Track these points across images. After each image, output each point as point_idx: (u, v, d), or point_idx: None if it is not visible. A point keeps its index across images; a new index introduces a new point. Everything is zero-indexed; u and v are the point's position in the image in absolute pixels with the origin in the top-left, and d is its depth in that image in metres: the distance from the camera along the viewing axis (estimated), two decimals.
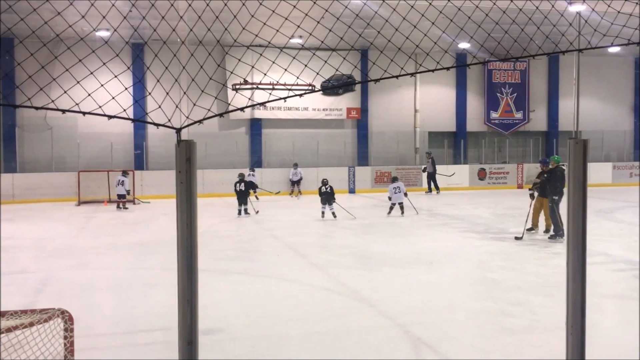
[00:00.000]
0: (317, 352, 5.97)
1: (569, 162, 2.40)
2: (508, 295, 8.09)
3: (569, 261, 2.46)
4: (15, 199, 21.81)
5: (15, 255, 11.40)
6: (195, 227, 2.08)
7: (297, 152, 26.32)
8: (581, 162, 2.34)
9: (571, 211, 2.42)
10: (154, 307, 7.57)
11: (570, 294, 2.50)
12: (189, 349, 2.11)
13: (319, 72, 3.51)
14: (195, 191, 2.06)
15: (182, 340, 2.12)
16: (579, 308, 2.55)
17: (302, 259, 10.83)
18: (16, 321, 3.38)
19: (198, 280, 2.11)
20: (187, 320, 2.10)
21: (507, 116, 29.26)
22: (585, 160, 2.35)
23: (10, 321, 3.37)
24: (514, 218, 15.57)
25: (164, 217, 17.44)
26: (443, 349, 5.96)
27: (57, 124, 23.90)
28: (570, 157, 2.40)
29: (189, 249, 2.06)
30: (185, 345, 2.11)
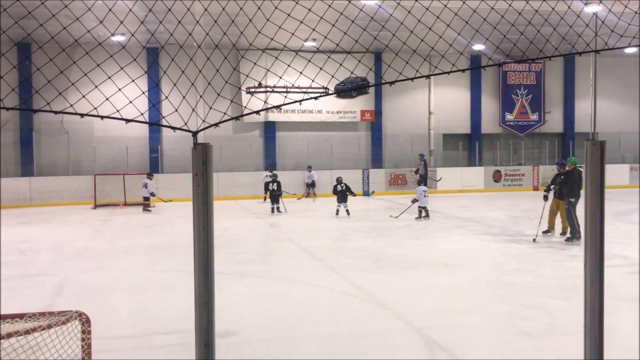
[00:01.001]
0: (333, 355, 5.96)
1: (586, 163, 2.38)
2: (524, 298, 8.02)
3: (587, 263, 2.44)
4: (32, 202, 22.07)
5: (33, 258, 11.53)
6: (212, 229, 2.10)
7: (311, 155, 26.37)
8: (598, 164, 2.32)
9: (589, 213, 2.40)
10: (171, 310, 7.61)
11: (588, 297, 2.48)
12: (206, 351, 2.12)
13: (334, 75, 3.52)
14: (211, 193, 2.07)
15: (199, 342, 2.13)
16: (597, 310, 2.53)
17: (317, 262, 10.83)
18: (34, 323, 3.41)
19: (214, 282, 2.12)
20: (203, 322, 2.11)
21: (523, 118, 29.07)
22: (602, 161, 2.32)
23: (29, 323, 3.40)
24: (530, 220, 15.44)
25: (180, 219, 17.53)
26: (459, 353, 5.92)
27: (73, 128, 24.15)
28: (588, 158, 2.38)
29: (205, 251, 2.07)
30: (202, 347, 2.12)
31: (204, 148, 2.04)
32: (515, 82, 28.93)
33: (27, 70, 21.19)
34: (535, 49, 3.67)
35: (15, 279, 9.52)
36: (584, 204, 2.57)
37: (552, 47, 3.77)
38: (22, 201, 21.97)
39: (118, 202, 21.83)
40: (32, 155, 23.88)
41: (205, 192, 2.03)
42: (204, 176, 2.02)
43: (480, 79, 28.61)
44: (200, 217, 2.07)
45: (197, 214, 2.08)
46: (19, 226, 16.51)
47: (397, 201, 22.69)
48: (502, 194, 25.25)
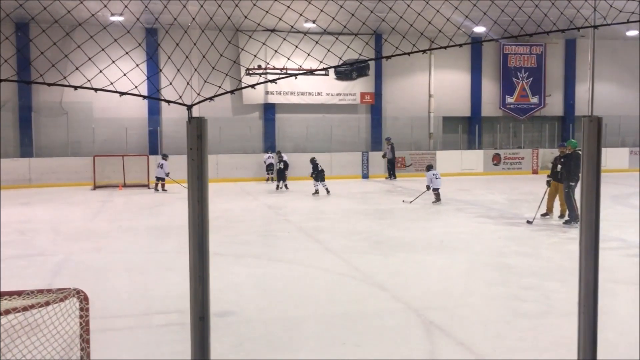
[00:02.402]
0: (331, 335, 6.00)
1: (583, 140, 2.37)
2: (522, 280, 8.06)
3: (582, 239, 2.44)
4: (32, 183, 22.08)
5: (32, 238, 11.56)
6: (207, 203, 2.09)
7: (310, 137, 26.32)
8: (595, 141, 2.31)
9: (585, 190, 2.40)
10: (170, 290, 7.65)
11: (582, 276, 2.49)
12: (201, 324, 2.13)
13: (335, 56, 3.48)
14: (206, 168, 2.06)
15: (194, 315, 2.14)
16: (592, 290, 2.54)
17: (316, 244, 10.86)
18: (32, 300, 3.42)
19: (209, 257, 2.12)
20: (198, 295, 2.11)
21: (523, 101, 28.97)
22: (599, 138, 2.31)
23: (27, 300, 3.41)
24: (529, 203, 15.45)
25: (179, 201, 17.54)
26: (456, 333, 5.96)
27: (72, 109, 24.07)
28: (585, 135, 2.37)
29: (200, 226, 2.07)
30: (197, 321, 2.12)
31: (198, 122, 2.03)
32: (516, 65, 28.78)
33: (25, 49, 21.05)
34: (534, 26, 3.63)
35: (14, 258, 9.55)
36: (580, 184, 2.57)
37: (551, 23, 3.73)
38: (21, 182, 21.97)
39: (117, 184, 21.84)
40: (31, 136, 23.83)
41: (200, 166, 2.02)
42: (199, 150, 2.01)
43: (481, 61, 28.46)
44: (195, 191, 2.06)
45: (192, 188, 2.07)
46: (19, 207, 16.53)
47: (396, 184, 22.70)
48: (501, 177, 25.26)
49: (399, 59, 22.83)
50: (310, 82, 26.25)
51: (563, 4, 3.36)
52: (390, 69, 27.30)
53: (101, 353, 4.91)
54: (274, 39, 5.59)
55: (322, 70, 4.24)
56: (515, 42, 28.44)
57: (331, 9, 3.84)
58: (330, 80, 26.57)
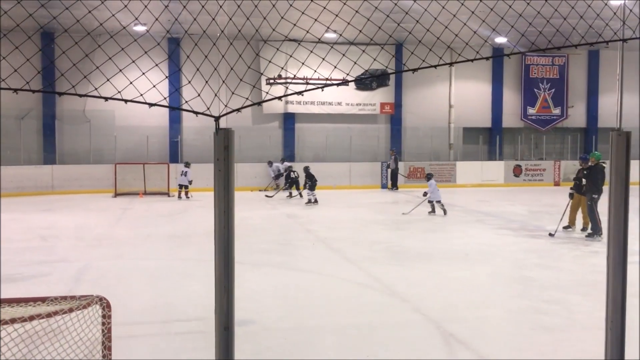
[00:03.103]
0: (350, 345, 5.98)
1: (611, 154, 2.34)
2: (544, 293, 7.95)
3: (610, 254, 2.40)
4: (54, 190, 22.38)
5: (54, 245, 11.70)
6: (233, 214, 2.10)
7: (329, 147, 26.35)
8: (623, 155, 2.28)
9: (612, 204, 2.36)
10: (190, 298, 7.68)
11: (610, 291, 2.45)
12: (226, 335, 2.13)
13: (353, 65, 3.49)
14: (232, 179, 2.08)
15: (219, 325, 2.15)
16: (619, 305, 2.49)
17: (335, 254, 10.84)
18: (56, 307, 3.46)
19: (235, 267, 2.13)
20: (223, 305, 2.12)
21: (545, 112, 28.71)
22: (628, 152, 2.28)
23: (51, 307, 3.45)
24: (551, 216, 15.27)
25: (199, 209, 17.66)
26: (476, 346, 5.90)
27: (95, 117, 24.40)
28: (613, 149, 2.34)
29: (226, 236, 2.08)
30: (222, 331, 2.13)
31: (226, 133, 2.04)
32: (538, 76, 28.56)
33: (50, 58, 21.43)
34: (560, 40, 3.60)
35: (37, 264, 9.68)
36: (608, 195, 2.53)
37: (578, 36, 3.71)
38: (44, 188, 22.29)
39: (138, 191, 22.04)
40: (55, 143, 24.18)
41: (226, 177, 2.04)
42: (226, 161, 2.03)
43: (502, 72, 28.28)
44: (222, 201, 2.08)
45: (219, 199, 2.09)
46: (42, 213, 16.76)
47: (416, 194, 22.60)
48: (522, 189, 25.02)
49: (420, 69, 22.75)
50: (330, 91, 26.31)
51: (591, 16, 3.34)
52: (410, 79, 27.26)
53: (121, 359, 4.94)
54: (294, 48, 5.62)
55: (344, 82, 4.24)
56: (538, 53, 28.24)
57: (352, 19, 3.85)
58: (350, 90, 26.61)
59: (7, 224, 13.12)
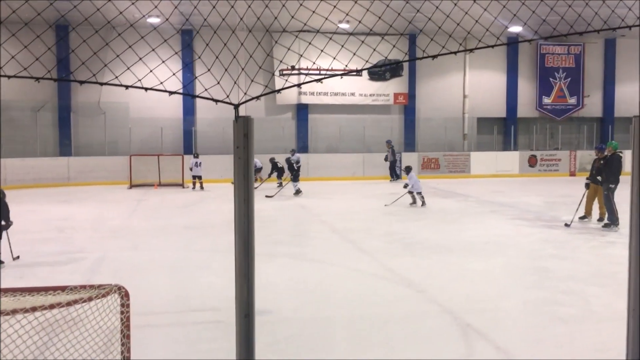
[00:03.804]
0: (365, 336, 5.98)
1: (632, 139, 2.31)
2: (560, 284, 7.90)
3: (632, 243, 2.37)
4: (70, 182, 22.58)
5: (71, 236, 11.81)
6: (252, 202, 2.10)
7: (343, 138, 26.30)
8: None
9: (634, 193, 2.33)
10: (205, 288, 7.73)
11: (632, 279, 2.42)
12: (246, 322, 2.14)
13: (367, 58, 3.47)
14: (252, 166, 2.07)
15: (239, 313, 2.15)
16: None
17: (349, 245, 10.84)
18: (76, 295, 3.49)
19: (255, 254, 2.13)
20: (244, 293, 2.12)
21: (560, 102, 28.43)
22: None
23: (70, 295, 3.48)
24: (566, 206, 15.15)
25: (213, 200, 17.74)
26: (493, 337, 5.88)
27: (109, 109, 24.55)
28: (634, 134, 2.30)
29: (245, 223, 2.08)
30: (243, 318, 2.14)
31: (245, 121, 2.04)
32: (554, 65, 28.26)
33: (65, 50, 21.57)
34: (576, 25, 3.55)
35: (54, 255, 9.78)
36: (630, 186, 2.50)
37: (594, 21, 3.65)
38: (60, 180, 22.49)
39: (153, 183, 22.17)
40: (70, 135, 24.37)
41: (246, 164, 2.03)
42: (245, 149, 2.03)
43: (517, 61, 28.02)
44: (241, 189, 2.07)
45: (238, 187, 2.08)
46: (58, 204, 16.92)
47: (430, 185, 22.52)
48: (537, 179, 24.83)
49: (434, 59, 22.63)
50: (344, 82, 26.23)
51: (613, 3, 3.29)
52: (424, 70, 27.11)
53: (138, 349, 4.98)
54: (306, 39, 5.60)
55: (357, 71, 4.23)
56: (553, 41, 27.94)
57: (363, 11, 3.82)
58: (364, 81, 26.51)
59: (24, 215, 13.26)
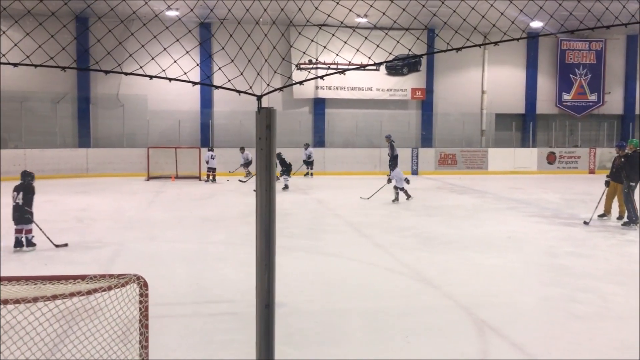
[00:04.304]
0: (379, 329, 5.99)
1: None
2: (578, 281, 7.83)
3: None
4: (89, 173, 22.82)
5: (89, 226, 11.94)
6: (274, 193, 2.11)
7: (359, 132, 26.26)
8: None
9: None
10: (221, 280, 7.79)
11: None
12: (266, 312, 2.15)
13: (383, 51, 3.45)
14: (274, 158, 2.08)
15: (260, 303, 2.17)
16: None
17: (365, 239, 10.84)
18: (95, 285, 3.53)
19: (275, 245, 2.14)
20: (264, 284, 2.14)
21: (580, 98, 28.11)
22: None
23: (90, 284, 3.52)
24: (585, 204, 15.01)
25: (229, 193, 17.82)
26: (508, 333, 5.85)
27: (128, 101, 24.74)
28: None
29: (267, 214, 2.09)
30: (263, 309, 2.15)
31: (267, 112, 2.04)
32: (574, 61, 27.93)
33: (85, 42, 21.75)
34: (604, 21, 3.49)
35: (73, 245, 9.89)
36: None
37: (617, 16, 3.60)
38: (79, 171, 22.74)
39: (170, 175, 22.33)
40: (89, 127, 24.61)
41: (268, 155, 2.04)
42: (267, 140, 2.03)
43: (537, 57, 27.73)
44: (263, 180, 2.09)
45: (260, 178, 2.10)
46: (77, 195, 17.11)
47: (446, 181, 22.41)
48: (556, 177, 24.61)
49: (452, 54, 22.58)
50: (361, 77, 26.16)
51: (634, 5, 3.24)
52: (442, 65, 26.95)
53: (154, 338, 5.03)
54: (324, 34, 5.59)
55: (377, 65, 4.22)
56: (574, 37, 27.61)
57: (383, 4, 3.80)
58: (381, 76, 26.42)
59: (44, 205, 13.41)
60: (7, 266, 8.45)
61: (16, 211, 9.39)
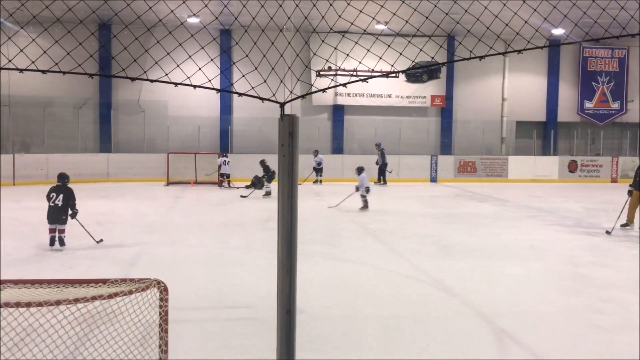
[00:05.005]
0: (397, 337, 5.95)
1: None
2: (600, 292, 7.72)
3: None
4: (109, 177, 23.07)
5: (110, 230, 12.06)
6: (296, 199, 2.12)
7: (378, 139, 26.21)
8: None
9: None
10: (239, 285, 7.81)
11: None
12: (288, 318, 2.15)
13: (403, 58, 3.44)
14: (296, 164, 2.09)
15: (281, 309, 2.17)
16: None
17: (382, 246, 10.80)
18: (116, 289, 3.56)
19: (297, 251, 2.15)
20: (286, 289, 2.14)
21: (603, 106, 27.78)
22: None
23: (112, 288, 3.56)
24: (608, 213, 14.80)
25: (248, 199, 17.88)
26: (529, 343, 5.78)
27: (149, 107, 25.01)
28: None
29: (289, 220, 2.09)
30: (284, 314, 2.15)
31: (290, 119, 2.05)
32: (596, 69, 27.62)
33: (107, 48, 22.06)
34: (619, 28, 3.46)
35: (93, 248, 10.01)
36: None
37: None
38: (100, 176, 23.00)
39: (189, 180, 22.48)
40: (110, 132, 24.90)
41: (290, 162, 2.05)
42: (290, 147, 2.04)
43: (559, 65, 27.48)
44: (285, 186, 2.09)
45: (282, 184, 2.10)
46: (98, 199, 17.30)
47: (466, 188, 22.27)
48: (577, 185, 24.32)
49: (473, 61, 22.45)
50: (381, 84, 26.15)
51: None
52: (462, 72, 26.83)
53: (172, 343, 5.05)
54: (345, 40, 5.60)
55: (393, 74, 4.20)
56: (597, 44, 27.31)
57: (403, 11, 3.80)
58: (401, 83, 26.38)
59: None
60: (28, 268, 8.58)
61: (54, 211, 9.83)
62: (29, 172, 21.33)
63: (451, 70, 26.72)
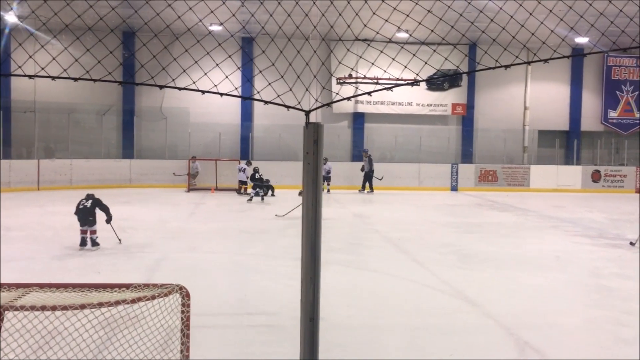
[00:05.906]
0: (418, 347, 5.92)
1: None
2: (624, 304, 7.59)
3: None
4: (132, 183, 23.30)
5: (132, 235, 12.17)
6: (320, 206, 2.12)
7: (398, 147, 26.15)
8: None
9: None
10: (260, 292, 7.82)
11: None
12: (311, 325, 2.16)
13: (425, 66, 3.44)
14: (320, 172, 2.09)
15: (305, 316, 2.17)
16: None
17: (403, 255, 10.75)
18: (139, 294, 3.60)
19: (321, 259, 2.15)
20: (309, 297, 2.14)
21: (627, 115, 27.38)
22: None
23: (135, 293, 3.59)
24: (631, 224, 14.57)
25: (267, 206, 17.93)
26: (551, 355, 5.70)
27: (171, 114, 25.24)
28: None
29: (313, 228, 2.10)
30: (308, 322, 2.16)
31: (315, 127, 2.06)
32: (621, 78, 27.25)
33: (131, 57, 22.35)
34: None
35: (116, 254, 10.11)
36: None
37: None
38: (122, 182, 23.25)
39: (210, 187, 22.62)
40: (133, 138, 25.17)
41: (315, 170, 2.06)
42: (315, 155, 2.05)
43: (582, 73, 27.16)
44: (310, 194, 2.10)
45: (307, 192, 2.11)
46: (120, 205, 17.46)
47: (487, 197, 22.08)
48: (601, 195, 23.97)
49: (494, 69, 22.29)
50: (401, 92, 26.09)
51: None
52: (483, 80, 26.67)
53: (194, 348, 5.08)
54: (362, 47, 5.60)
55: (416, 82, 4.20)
56: (622, 53, 26.97)
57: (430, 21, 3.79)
58: (422, 91, 26.29)
59: None
60: (52, 271, 8.69)
61: (83, 213, 10.32)
62: (53, 177, 21.65)
63: (472, 78, 26.57)
